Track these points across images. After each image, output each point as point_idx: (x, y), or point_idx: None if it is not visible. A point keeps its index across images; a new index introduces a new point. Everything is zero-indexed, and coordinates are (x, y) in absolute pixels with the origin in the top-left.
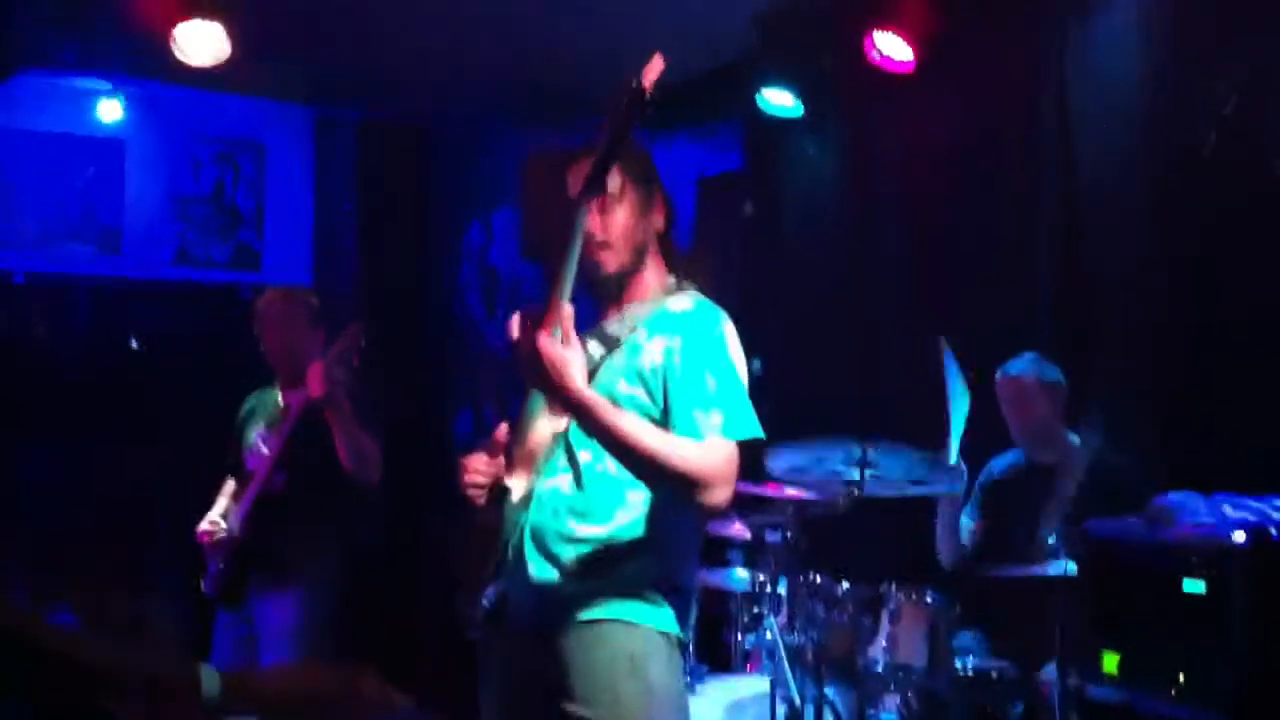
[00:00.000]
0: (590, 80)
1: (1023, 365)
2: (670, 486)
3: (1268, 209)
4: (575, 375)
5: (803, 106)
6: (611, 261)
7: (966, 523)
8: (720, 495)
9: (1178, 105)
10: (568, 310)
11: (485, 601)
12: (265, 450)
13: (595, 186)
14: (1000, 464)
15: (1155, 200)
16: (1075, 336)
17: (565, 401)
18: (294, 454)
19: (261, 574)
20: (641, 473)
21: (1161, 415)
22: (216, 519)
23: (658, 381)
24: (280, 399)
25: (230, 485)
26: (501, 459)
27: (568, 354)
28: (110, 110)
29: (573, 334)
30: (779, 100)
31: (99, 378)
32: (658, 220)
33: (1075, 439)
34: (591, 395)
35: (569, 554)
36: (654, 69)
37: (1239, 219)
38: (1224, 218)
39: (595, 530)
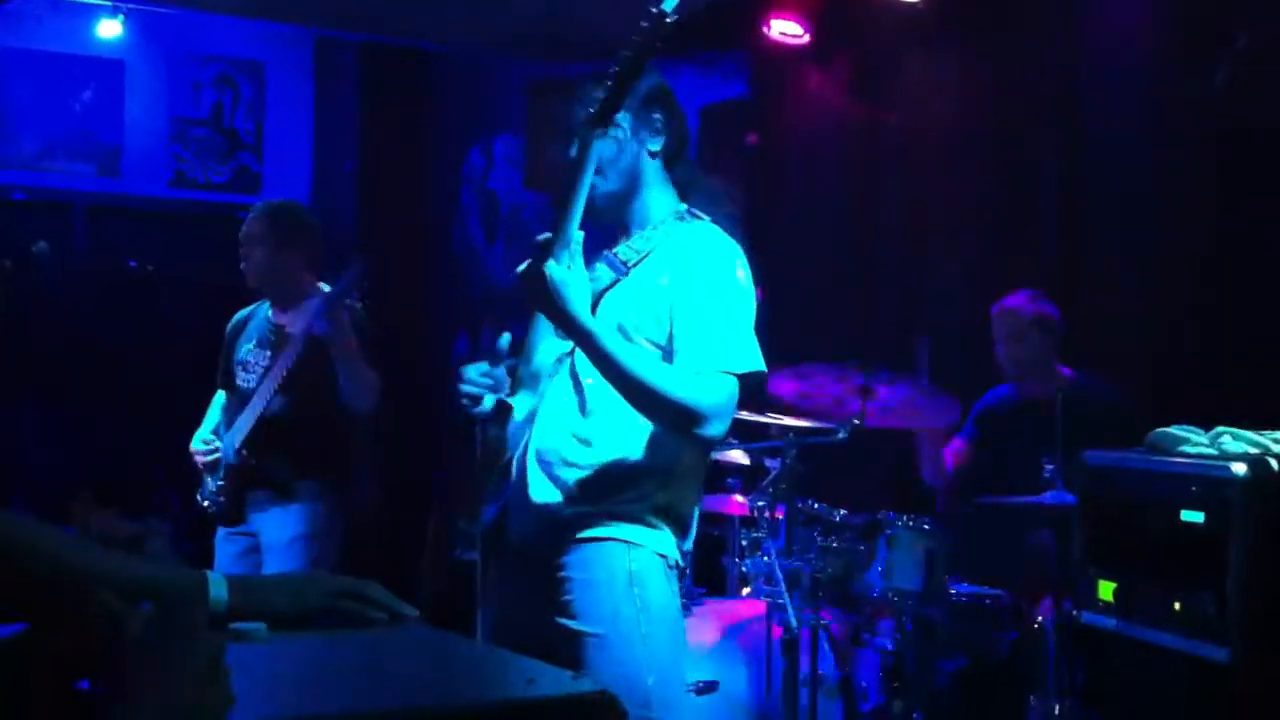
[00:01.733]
0: (592, 11)
1: (1018, 300)
2: (666, 418)
3: (1274, 148)
4: (578, 301)
5: (810, 37)
6: (598, 183)
7: (957, 443)
8: (716, 429)
9: (1187, 40)
10: (577, 236)
11: (485, 520)
12: (259, 368)
13: (610, 112)
14: (994, 396)
15: (1162, 141)
16: (1076, 272)
17: (567, 326)
18: (296, 380)
19: (262, 492)
20: (638, 403)
21: (1162, 352)
22: (209, 436)
23: (665, 310)
24: (271, 315)
25: (220, 398)
26: (503, 370)
27: (571, 279)
28: (110, 30)
29: (580, 260)
30: (786, 30)
31: (95, 298)
32: (654, 145)
33: (1069, 373)
34: (593, 322)
35: (571, 477)
36: None
37: (1244, 163)
38: (1230, 158)
39: (598, 455)
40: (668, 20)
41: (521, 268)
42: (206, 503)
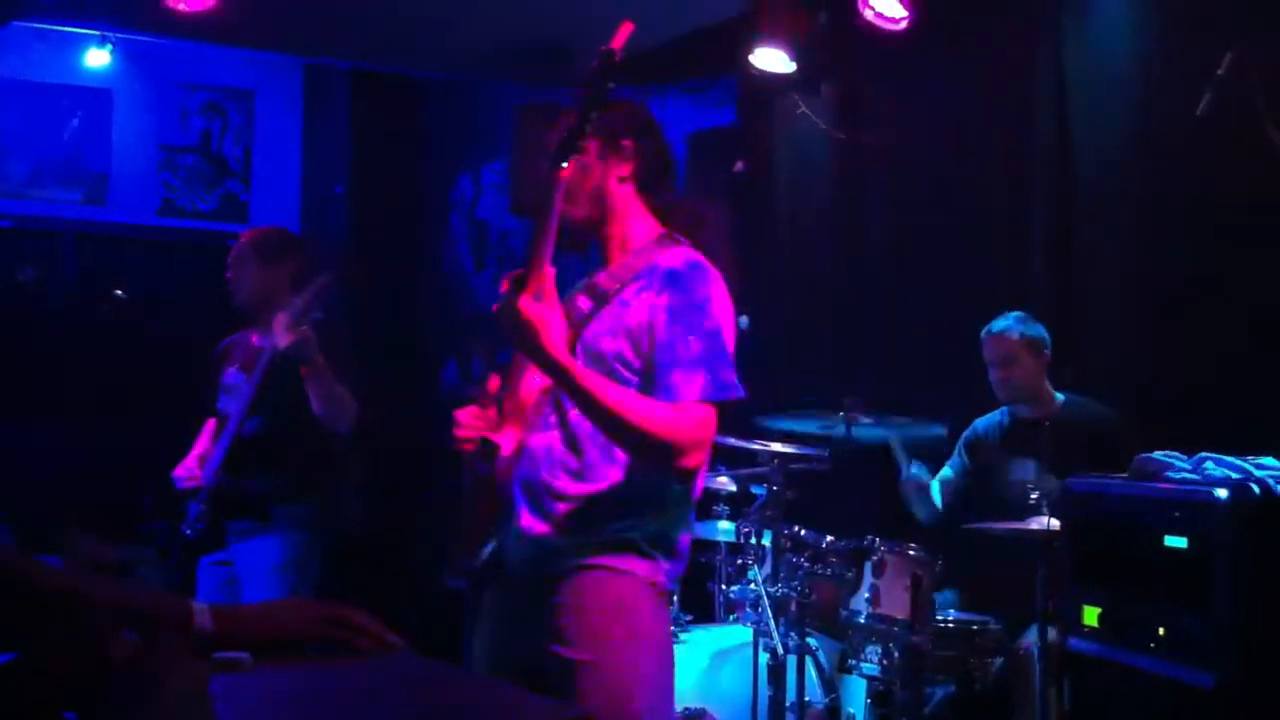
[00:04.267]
0: (583, 36)
1: (1006, 323)
2: (643, 452)
3: (1260, 171)
4: (552, 338)
5: (795, 65)
6: (569, 210)
7: (947, 473)
8: (693, 460)
9: (1172, 62)
10: (549, 271)
11: (483, 554)
12: (239, 391)
13: (569, 150)
14: (985, 422)
15: (1149, 163)
16: (1064, 297)
17: (542, 364)
18: (266, 399)
19: (240, 518)
20: (616, 437)
21: (1147, 376)
22: (191, 464)
23: (643, 339)
24: (254, 339)
25: (210, 426)
26: (493, 411)
27: (546, 316)
28: (98, 59)
29: (553, 295)
30: (771, 59)
31: (83, 324)
32: (620, 169)
33: (1060, 396)
34: (568, 359)
35: (561, 509)
36: (623, 34)
37: (1232, 183)
38: (1218, 182)
39: (587, 487)
40: (615, 60)
41: (496, 305)
42: (189, 530)
